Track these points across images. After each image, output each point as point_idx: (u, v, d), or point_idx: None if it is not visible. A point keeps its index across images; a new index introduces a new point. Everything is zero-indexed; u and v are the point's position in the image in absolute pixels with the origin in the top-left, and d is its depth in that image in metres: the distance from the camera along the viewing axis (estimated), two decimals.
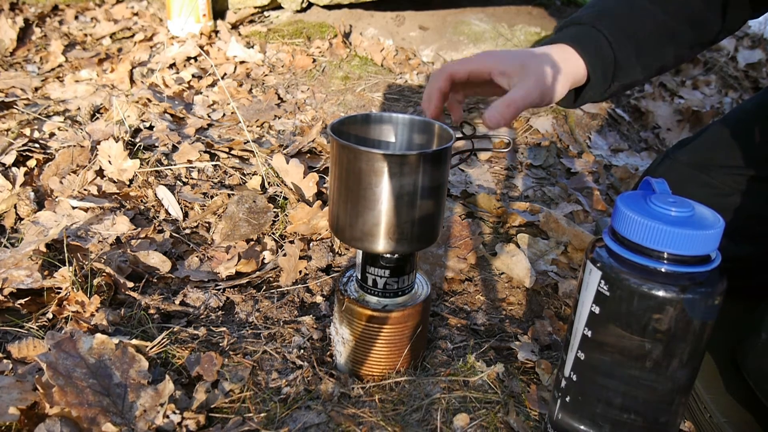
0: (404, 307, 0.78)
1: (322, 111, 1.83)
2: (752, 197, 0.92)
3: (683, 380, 0.54)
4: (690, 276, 0.50)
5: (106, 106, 1.67)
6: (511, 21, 2.54)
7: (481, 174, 1.52)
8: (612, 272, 0.51)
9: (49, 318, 0.88)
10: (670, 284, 0.49)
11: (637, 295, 0.50)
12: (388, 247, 0.71)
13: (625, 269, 0.51)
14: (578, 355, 0.55)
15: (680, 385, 0.54)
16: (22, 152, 1.33)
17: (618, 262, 0.52)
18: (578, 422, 0.58)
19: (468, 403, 0.77)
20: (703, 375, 0.81)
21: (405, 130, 0.80)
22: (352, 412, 0.75)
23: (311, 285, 1.03)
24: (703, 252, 0.50)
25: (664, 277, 0.50)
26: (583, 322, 0.54)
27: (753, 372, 0.75)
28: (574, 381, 0.57)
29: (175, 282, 1.03)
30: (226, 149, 1.45)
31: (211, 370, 0.79)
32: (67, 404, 0.68)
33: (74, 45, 2.18)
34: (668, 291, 0.49)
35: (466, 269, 1.11)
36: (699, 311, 0.50)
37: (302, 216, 1.17)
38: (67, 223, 1.11)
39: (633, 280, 0.50)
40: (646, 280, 0.50)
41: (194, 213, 1.22)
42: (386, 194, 0.67)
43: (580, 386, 0.57)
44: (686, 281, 0.50)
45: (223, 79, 2.00)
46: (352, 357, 0.81)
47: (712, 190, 0.94)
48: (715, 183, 0.94)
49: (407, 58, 2.29)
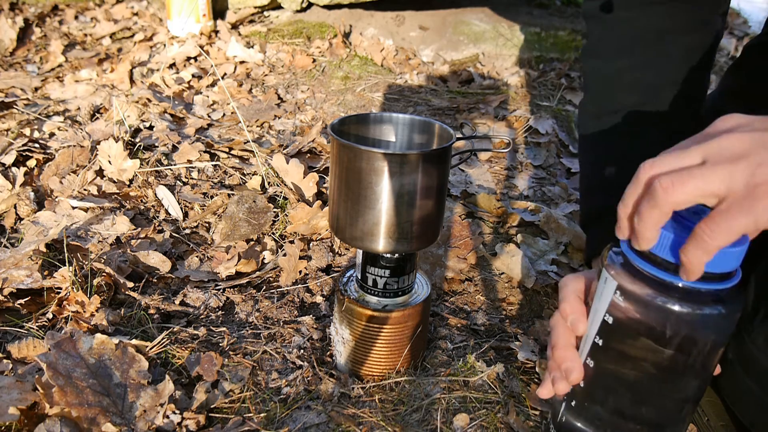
0: (404, 307, 0.78)
1: (322, 111, 1.83)
2: None
3: (693, 392, 0.53)
4: (710, 293, 0.48)
5: (106, 106, 1.67)
6: (512, 21, 2.54)
7: (481, 174, 1.52)
8: (628, 284, 0.50)
9: (49, 318, 0.88)
10: (688, 300, 0.47)
11: (654, 309, 0.48)
12: (389, 246, 0.71)
13: (642, 281, 0.49)
14: (587, 362, 0.55)
15: (689, 396, 0.53)
16: (22, 152, 1.33)
17: (635, 273, 0.50)
18: (584, 426, 0.58)
19: (468, 403, 0.77)
20: None
21: (405, 129, 0.80)
22: (352, 412, 0.75)
23: (311, 285, 1.03)
24: (727, 269, 0.47)
25: (681, 292, 0.48)
26: (595, 330, 0.54)
27: (725, 391, 0.75)
28: (581, 386, 0.56)
29: (175, 282, 1.03)
30: (226, 149, 1.45)
31: (211, 370, 0.79)
32: (67, 404, 0.68)
33: (74, 45, 2.17)
34: (685, 307, 0.47)
35: (466, 269, 1.11)
36: (716, 328, 0.49)
37: (302, 216, 1.17)
38: (67, 223, 1.11)
39: (650, 293, 0.48)
40: (662, 294, 0.48)
41: (194, 213, 1.22)
42: (386, 194, 0.67)
43: (588, 392, 0.56)
44: (706, 298, 0.48)
45: (223, 79, 2.00)
46: (352, 357, 0.81)
47: None
48: None
49: (407, 58, 2.29)
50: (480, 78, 2.19)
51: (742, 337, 0.72)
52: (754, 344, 0.69)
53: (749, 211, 0.41)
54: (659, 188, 0.44)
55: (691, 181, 0.42)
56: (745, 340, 0.71)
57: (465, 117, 1.84)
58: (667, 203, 0.44)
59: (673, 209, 0.44)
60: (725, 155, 0.43)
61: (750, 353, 0.70)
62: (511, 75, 2.21)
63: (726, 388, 0.75)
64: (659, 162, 0.46)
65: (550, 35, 2.49)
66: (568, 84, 2.15)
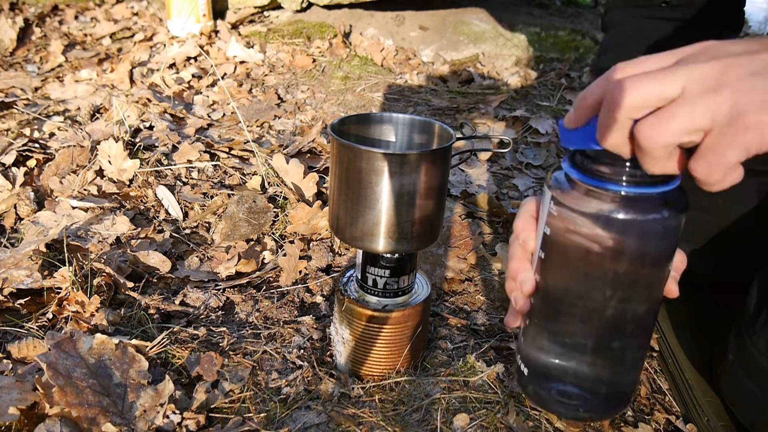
0: (404, 307, 0.78)
1: (322, 111, 1.83)
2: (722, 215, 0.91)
3: (639, 315, 0.50)
4: (652, 198, 0.46)
5: (106, 106, 1.67)
6: (511, 21, 2.54)
7: (481, 174, 1.52)
8: (561, 194, 0.49)
9: (49, 318, 0.88)
10: (627, 208, 0.46)
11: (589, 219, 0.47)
12: (389, 246, 0.71)
13: (579, 191, 0.47)
14: (536, 278, 0.54)
15: (635, 319, 0.51)
16: (22, 152, 1.33)
17: (572, 184, 0.48)
18: (535, 348, 0.56)
19: (468, 403, 0.77)
20: (699, 379, 0.81)
21: (405, 129, 0.80)
22: (352, 412, 0.75)
23: (311, 285, 1.03)
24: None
25: (621, 200, 0.46)
26: (539, 244, 0.53)
27: (725, 392, 0.75)
28: (532, 305, 0.55)
29: (175, 282, 1.03)
30: (226, 149, 1.45)
31: (211, 370, 0.79)
32: (67, 404, 0.68)
33: (74, 45, 2.17)
34: (623, 214, 0.45)
35: (466, 269, 1.11)
36: (657, 236, 0.47)
37: (302, 216, 1.17)
38: (67, 223, 1.11)
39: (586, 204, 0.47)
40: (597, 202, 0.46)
41: (194, 213, 1.22)
42: (386, 194, 0.67)
43: (539, 314, 0.55)
44: (648, 203, 0.46)
45: (223, 79, 2.00)
46: (352, 357, 0.81)
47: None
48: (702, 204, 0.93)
49: (407, 58, 2.29)
50: (480, 78, 2.19)
51: (743, 339, 0.72)
52: (755, 347, 0.69)
53: (739, 142, 0.39)
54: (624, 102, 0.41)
55: (673, 121, 0.40)
56: (746, 343, 0.71)
57: (465, 117, 1.84)
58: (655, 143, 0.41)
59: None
60: (706, 86, 0.40)
61: (751, 355, 0.70)
62: (511, 75, 2.21)
63: (726, 389, 0.75)
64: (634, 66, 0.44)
65: (550, 35, 2.49)
66: (568, 84, 2.15)
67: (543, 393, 0.56)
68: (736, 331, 0.74)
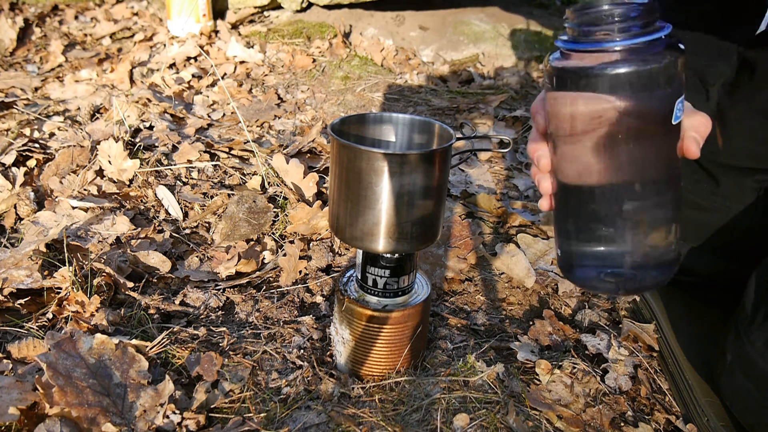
0: (404, 307, 0.78)
1: (322, 111, 1.83)
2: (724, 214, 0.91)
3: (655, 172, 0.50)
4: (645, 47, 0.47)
5: (106, 106, 1.67)
6: (511, 21, 2.54)
7: (481, 174, 1.52)
8: (560, 63, 0.50)
9: (49, 318, 0.88)
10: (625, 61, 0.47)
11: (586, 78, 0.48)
12: (389, 246, 0.71)
13: (572, 59, 0.49)
14: (552, 158, 0.55)
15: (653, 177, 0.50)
16: (22, 152, 1.33)
17: (566, 55, 0.50)
18: (565, 230, 0.55)
19: (468, 403, 0.77)
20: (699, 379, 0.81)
21: (405, 129, 0.80)
22: (352, 412, 0.75)
23: (311, 285, 1.03)
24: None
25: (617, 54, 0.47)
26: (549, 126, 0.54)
27: (725, 393, 0.75)
28: (555, 188, 0.56)
29: (175, 282, 1.03)
30: (226, 149, 1.45)
31: (211, 370, 0.79)
32: (67, 404, 0.68)
33: (74, 45, 2.18)
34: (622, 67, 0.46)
35: (466, 269, 1.11)
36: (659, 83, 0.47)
37: (302, 216, 1.17)
38: (67, 223, 1.11)
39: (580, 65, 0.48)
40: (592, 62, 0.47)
41: (194, 213, 1.22)
42: (386, 193, 0.67)
43: (558, 197, 0.55)
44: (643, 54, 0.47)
45: (223, 79, 2.00)
46: (352, 357, 0.81)
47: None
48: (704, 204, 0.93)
49: (407, 58, 2.29)
50: (480, 78, 2.19)
51: (741, 340, 0.72)
52: (753, 347, 0.69)
53: None
54: None
55: None
56: (744, 343, 0.71)
57: (465, 117, 1.84)
58: None
59: None
60: None
61: (749, 356, 0.70)
62: (511, 75, 2.21)
63: (725, 389, 0.75)
64: None
65: (550, 35, 2.49)
66: None
67: (588, 273, 0.55)
68: (734, 331, 0.74)
